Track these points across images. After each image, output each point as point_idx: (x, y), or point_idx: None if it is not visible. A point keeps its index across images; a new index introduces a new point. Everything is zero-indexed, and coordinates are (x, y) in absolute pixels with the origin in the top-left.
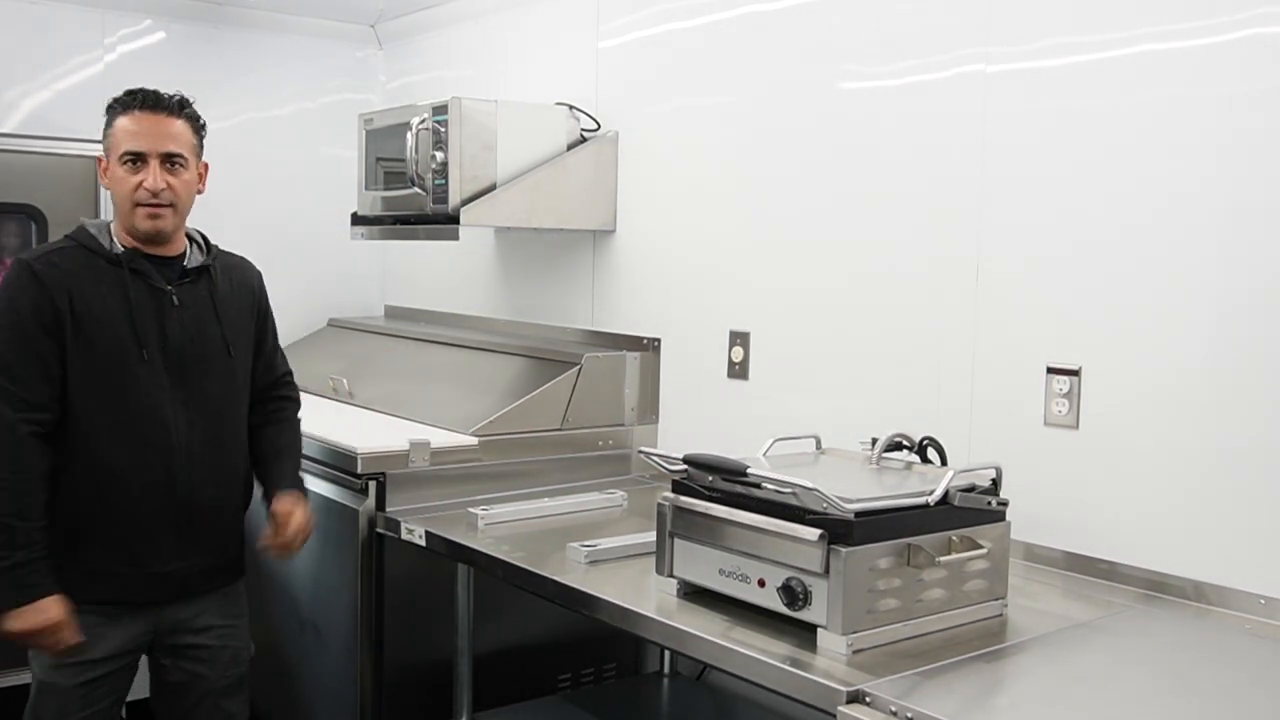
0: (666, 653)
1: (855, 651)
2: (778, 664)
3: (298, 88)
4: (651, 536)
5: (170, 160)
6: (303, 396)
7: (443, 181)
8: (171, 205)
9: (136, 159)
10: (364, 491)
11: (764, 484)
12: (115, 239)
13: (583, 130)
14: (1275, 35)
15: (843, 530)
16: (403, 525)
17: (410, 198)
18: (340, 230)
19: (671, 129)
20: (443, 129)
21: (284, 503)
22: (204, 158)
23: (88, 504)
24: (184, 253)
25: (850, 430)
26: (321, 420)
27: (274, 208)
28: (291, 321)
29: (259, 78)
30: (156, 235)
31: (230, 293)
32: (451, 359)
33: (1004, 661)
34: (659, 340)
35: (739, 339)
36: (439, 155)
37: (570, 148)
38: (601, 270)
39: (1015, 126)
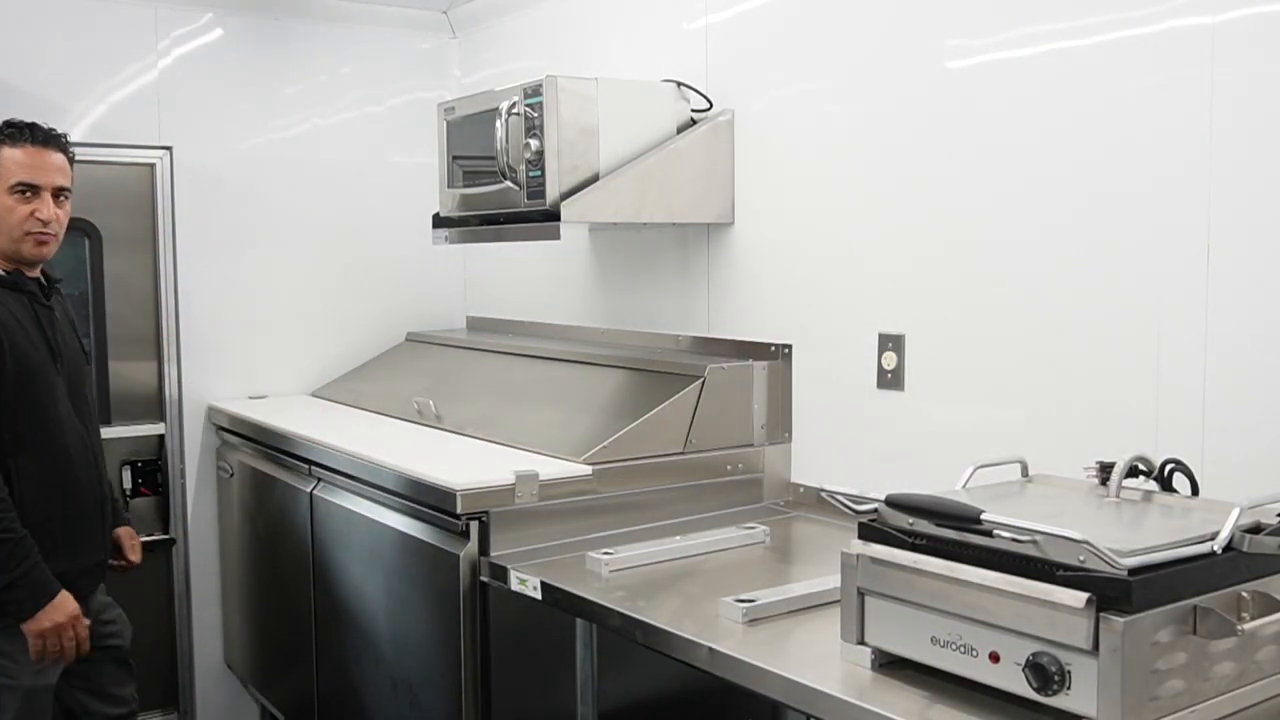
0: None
1: None
2: None
3: (365, 88)
4: (818, 586)
5: (59, 193)
6: (385, 421)
7: (538, 173)
8: (56, 234)
9: (28, 190)
10: (464, 534)
11: (997, 532)
12: None
13: (693, 111)
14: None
15: (1116, 593)
16: (512, 573)
17: (499, 194)
18: (414, 237)
19: (797, 108)
20: (536, 113)
21: (127, 530)
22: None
23: (38, 513)
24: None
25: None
26: (408, 449)
27: (342, 218)
28: (366, 337)
29: (324, 78)
30: (40, 260)
31: (70, 306)
32: (548, 374)
33: None
34: (789, 347)
35: (891, 343)
36: (533, 144)
37: (680, 130)
38: (718, 268)
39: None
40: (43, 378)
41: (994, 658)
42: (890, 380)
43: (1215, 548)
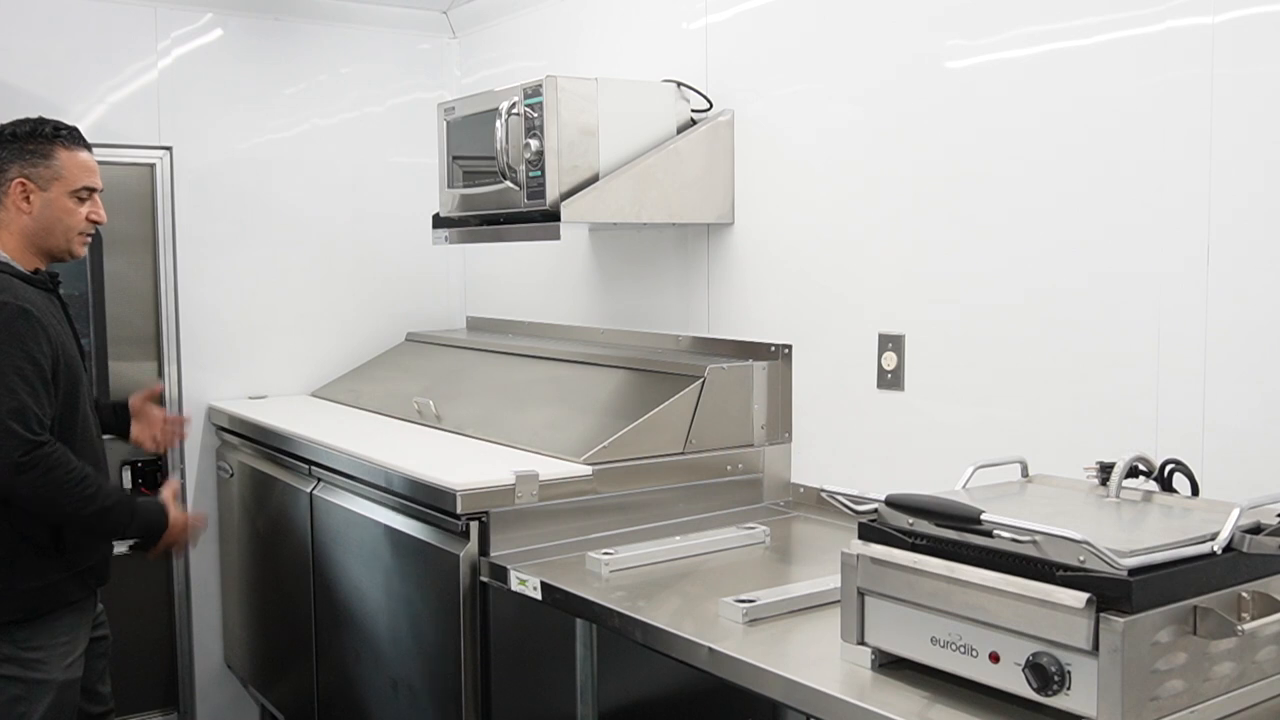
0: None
1: None
2: None
3: (365, 88)
4: (818, 586)
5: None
6: (385, 421)
7: (538, 173)
8: None
9: (88, 192)
10: (464, 534)
11: (997, 532)
12: (12, 263)
13: (692, 111)
14: None
15: (1116, 593)
16: (512, 573)
17: (499, 194)
18: (414, 237)
19: (796, 108)
20: (536, 113)
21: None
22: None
23: None
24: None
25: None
26: (408, 449)
27: (341, 218)
28: (367, 337)
29: (324, 78)
30: (78, 258)
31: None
32: (548, 374)
33: None
34: (789, 347)
35: (891, 343)
36: (533, 144)
37: (680, 130)
38: (718, 269)
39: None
40: (79, 378)
41: (994, 658)
42: (890, 380)
43: (1215, 548)
